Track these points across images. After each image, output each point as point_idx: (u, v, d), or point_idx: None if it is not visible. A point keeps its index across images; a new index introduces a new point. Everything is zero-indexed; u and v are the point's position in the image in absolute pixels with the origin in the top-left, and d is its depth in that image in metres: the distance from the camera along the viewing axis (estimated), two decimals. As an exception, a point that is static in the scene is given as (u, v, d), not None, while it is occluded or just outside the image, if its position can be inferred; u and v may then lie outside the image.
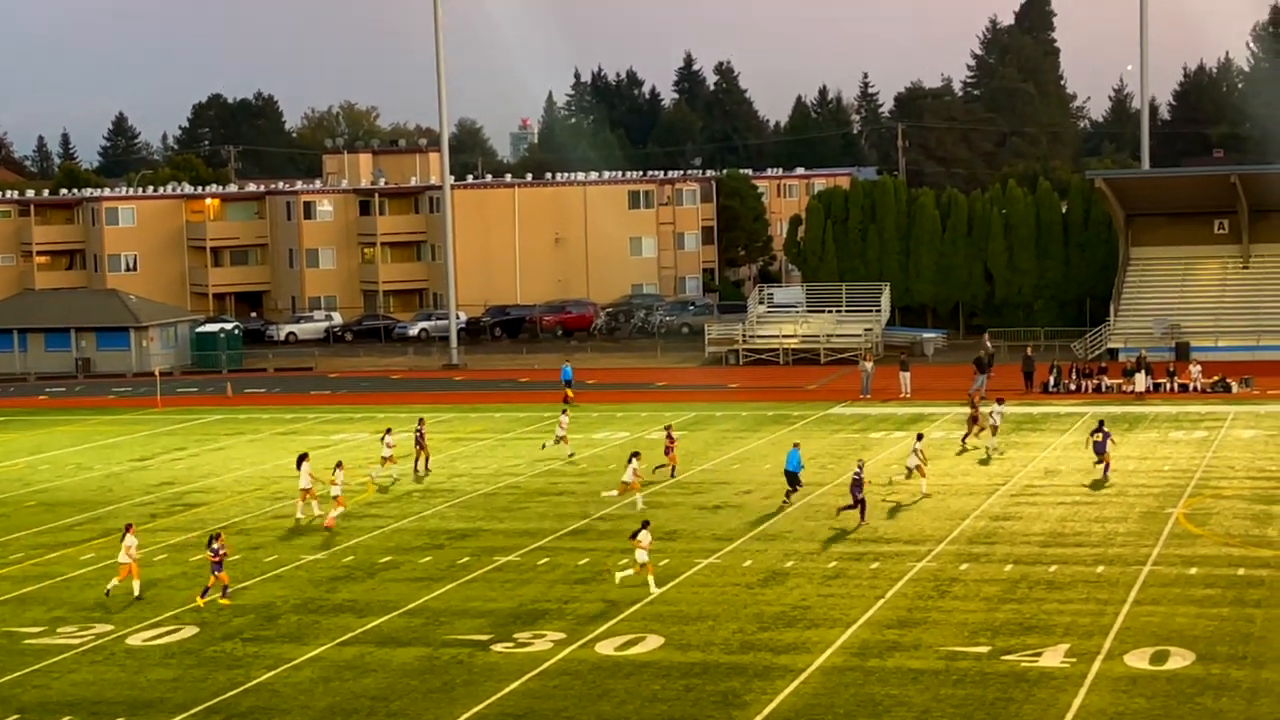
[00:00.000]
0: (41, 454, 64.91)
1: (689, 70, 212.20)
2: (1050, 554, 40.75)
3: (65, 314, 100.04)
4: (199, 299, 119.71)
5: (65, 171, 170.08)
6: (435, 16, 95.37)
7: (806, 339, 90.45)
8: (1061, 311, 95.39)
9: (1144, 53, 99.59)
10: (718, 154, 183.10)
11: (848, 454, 57.46)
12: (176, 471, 59.22)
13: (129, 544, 38.92)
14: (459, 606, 37.33)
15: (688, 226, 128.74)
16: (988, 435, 57.06)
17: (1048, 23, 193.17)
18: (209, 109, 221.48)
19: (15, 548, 46.07)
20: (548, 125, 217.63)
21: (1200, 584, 37.22)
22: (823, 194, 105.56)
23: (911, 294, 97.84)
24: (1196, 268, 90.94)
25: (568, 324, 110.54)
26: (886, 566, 39.86)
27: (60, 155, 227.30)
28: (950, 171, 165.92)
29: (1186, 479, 50.72)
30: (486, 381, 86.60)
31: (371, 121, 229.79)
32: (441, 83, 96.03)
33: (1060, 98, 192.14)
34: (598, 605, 36.95)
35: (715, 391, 78.65)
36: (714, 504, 49.06)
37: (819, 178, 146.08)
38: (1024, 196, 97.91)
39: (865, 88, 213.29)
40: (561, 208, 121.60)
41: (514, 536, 45.05)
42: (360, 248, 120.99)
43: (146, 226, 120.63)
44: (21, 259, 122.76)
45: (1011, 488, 50.17)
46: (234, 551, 44.17)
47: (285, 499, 52.34)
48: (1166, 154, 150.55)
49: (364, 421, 71.17)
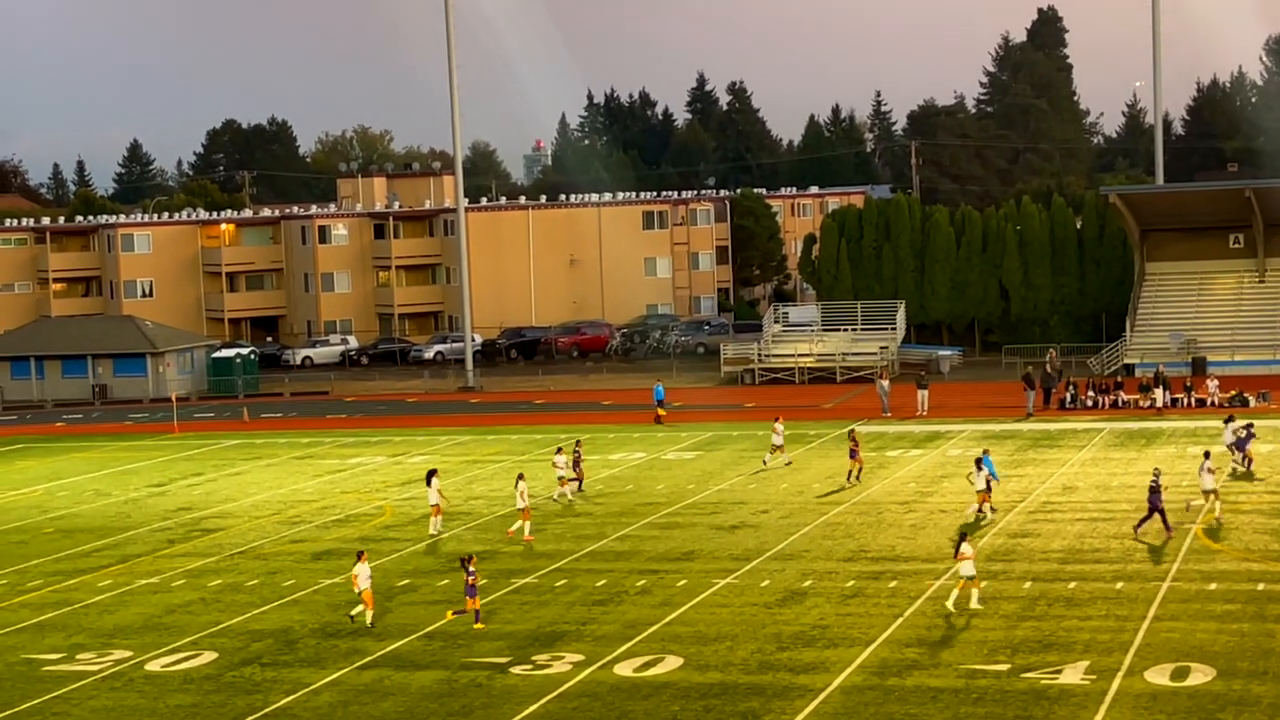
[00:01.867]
0: (59, 481, 65.03)
1: (702, 90, 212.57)
2: (1069, 570, 40.64)
3: (82, 341, 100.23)
4: (215, 324, 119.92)
5: (81, 198, 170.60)
6: (448, 40, 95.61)
7: (822, 358, 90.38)
8: (1077, 327, 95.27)
9: (1157, 68, 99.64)
10: (731, 174, 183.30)
11: (865, 472, 57.35)
12: (194, 497, 59.28)
13: (358, 573, 37.86)
14: (479, 630, 37.27)
15: (702, 246, 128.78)
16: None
17: (1060, 39, 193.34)
18: (223, 134, 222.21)
19: (34, 574, 46.13)
20: (561, 147, 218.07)
21: (1220, 599, 37.09)
22: (837, 212, 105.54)
23: (926, 311, 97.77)
24: (1212, 282, 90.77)
25: (583, 345, 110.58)
26: (905, 585, 39.78)
27: (75, 182, 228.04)
28: (964, 188, 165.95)
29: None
30: (502, 404, 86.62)
31: (385, 145, 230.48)
32: (455, 106, 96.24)
33: (1073, 113, 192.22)
34: (616, 627, 36.91)
35: (731, 411, 78.61)
36: (731, 524, 49.01)
37: (833, 196, 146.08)
38: (1038, 213, 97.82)
39: (878, 106, 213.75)
40: (575, 229, 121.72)
41: (532, 558, 45.03)
42: (375, 271, 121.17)
43: (162, 252, 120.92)
44: (38, 286, 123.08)
45: (1029, 504, 50.05)
46: (250, 576, 44.22)
47: (302, 523, 52.40)
48: (1181, 169, 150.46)
49: (381, 445, 71.20)
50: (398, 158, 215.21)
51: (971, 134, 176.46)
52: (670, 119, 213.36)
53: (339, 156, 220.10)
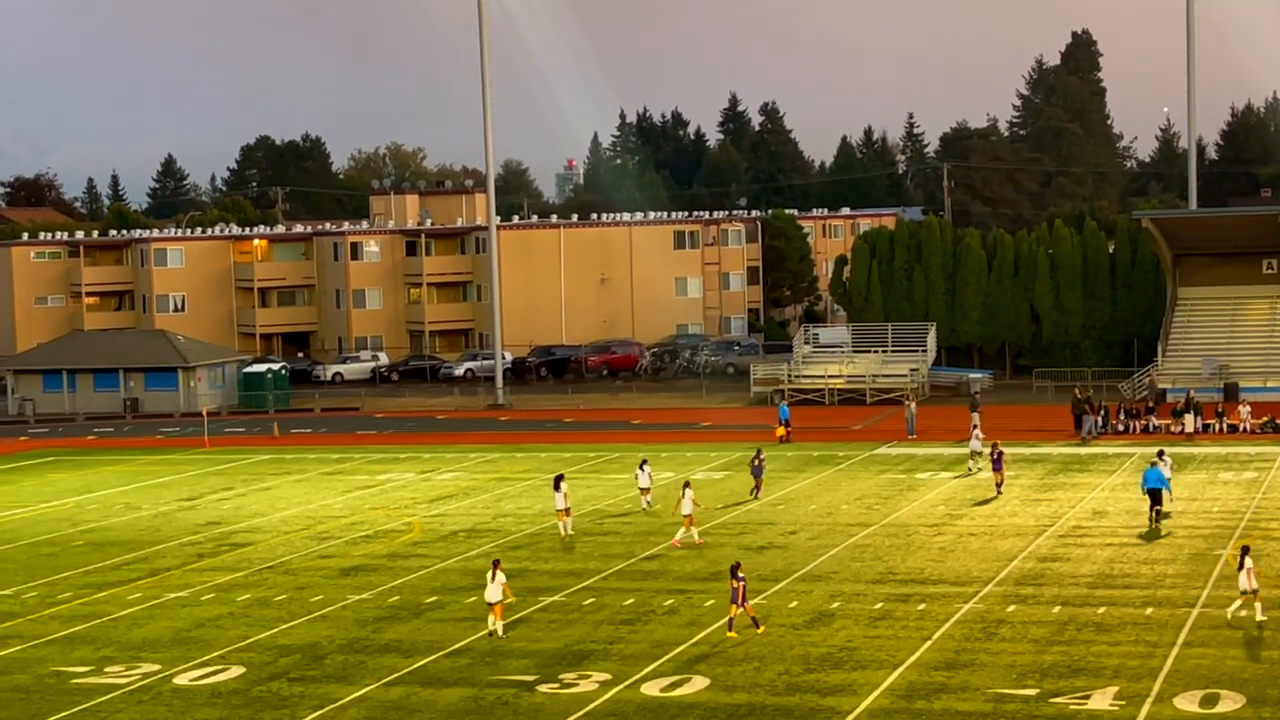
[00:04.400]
0: (90, 494, 65.26)
1: (734, 111, 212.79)
2: (1099, 595, 40.49)
3: (114, 354, 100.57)
4: (246, 339, 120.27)
5: (114, 213, 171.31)
6: (482, 58, 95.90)
7: (852, 379, 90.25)
8: (1109, 352, 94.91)
9: (1191, 92, 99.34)
10: (763, 194, 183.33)
11: (893, 494, 57.30)
12: (223, 511, 59.43)
13: (501, 581, 38.41)
14: (504, 647, 37.31)
15: (733, 267, 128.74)
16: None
17: (1094, 62, 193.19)
18: (257, 150, 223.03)
19: (63, 587, 46.28)
20: (593, 166, 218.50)
21: (1250, 626, 36.89)
22: (868, 234, 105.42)
23: (957, 334, 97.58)
24: (1245, 307, 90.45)
25: (613, 364, 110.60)
26: (933, 608, 39.68)
27: (110, 197, 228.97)
28: (996, 211, 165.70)
29: (1236, 520, 50.36)
30: (532, 421, 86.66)
31: (418, 163, 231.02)
32: (488, 124, 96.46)
33: (1107, 137, 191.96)
34: (643, 646, 36.87)
35: (761, 432, 78.47)
36: (759, 544, 48.95)
37: (864, 218, 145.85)
38: (1070, 236, 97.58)
39: (910, 128, 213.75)
40: (607, 248, 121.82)
41: (559, 576, 45.02)
42: (406, 288, 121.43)
43: (195, 267, 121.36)
44: (71, 300, 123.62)
45: (1059, 529, 49.89)
46: (279, 591, 44.30)
47: (331, 539, 52.49)
48: (1214, 194, 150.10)
49: (410, 462, 71.29)
50: (430, 175, 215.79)
51: (1004, 157, 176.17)
52: (702, 139, 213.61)
53: (371, 173, 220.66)
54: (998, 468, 56.82)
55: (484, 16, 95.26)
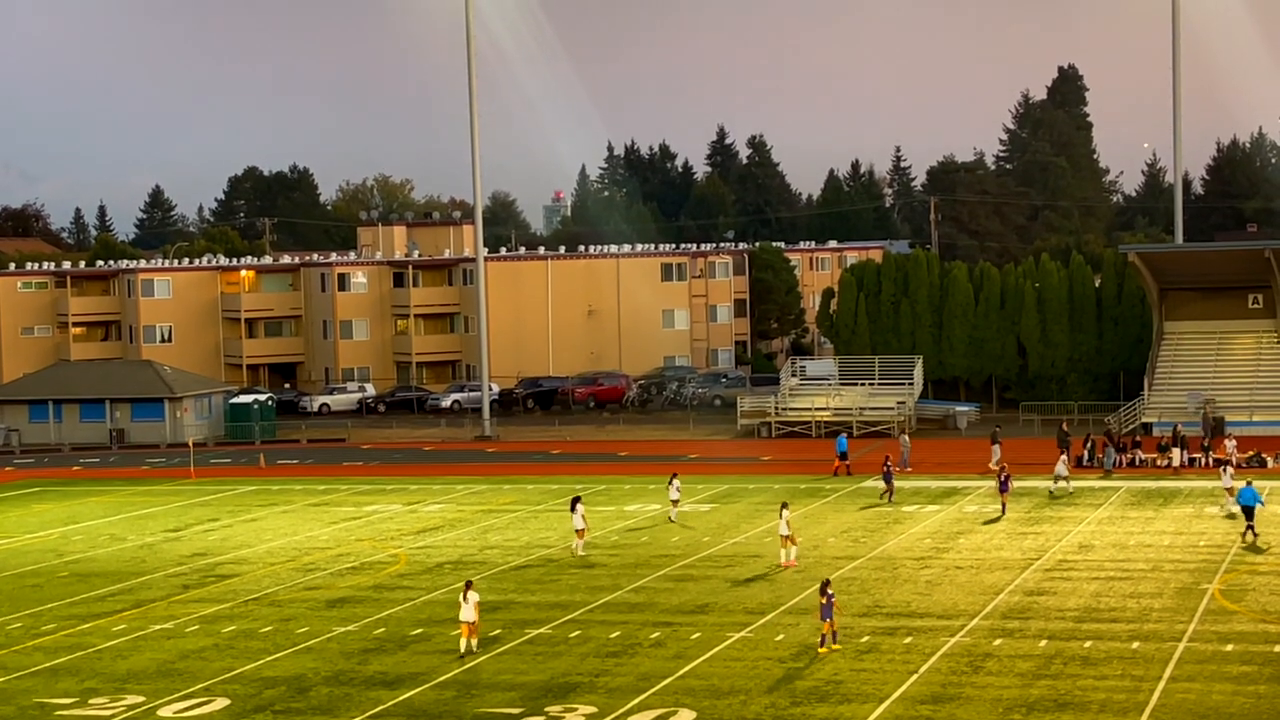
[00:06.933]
0: (75, 525, 65.08)
1: (722, 143, 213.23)
2: (1085, 629, 40.49)
3: (100, 385, 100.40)
4: (233, 370, 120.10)
5: (101, 243, 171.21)
6: (470, 90, 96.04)
7: (839, 412, 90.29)
8: (1095, 385, 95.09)
9: (1177, 127, 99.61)
10: (750, 227, 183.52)
11: (880, 527, 57.30)
12: (209, 542, 59.29)
13: (475, 600, 39.59)
14: (490, 679, 37.23)
15: (720, 299, 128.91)
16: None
17: (1080, 97, 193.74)
18: (245, 181, 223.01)
19: (48, 618, 46.13)
20: (581, 198, 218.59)
21: (1236, 661, 36.92)
22: (855, 267, 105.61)
23: (944, 367, 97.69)
24: (1230, 342, 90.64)
25: (600, 396, 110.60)
26: (920, 641, 39.65)
27: (97, 227, 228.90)
28: (983, 245, 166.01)
29: (1222, 554, 50.40)
30: (519, 453, 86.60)
31: (406, 194, 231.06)
32: (475, 155, 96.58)
33: (1093, 172, 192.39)
34: (629, 679, 36.80)
35: (748, 464, 78.53)
36: (746, 577, 48.90)
37: (851, 251, 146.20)
38: (1057, 270, 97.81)
39: (897, 161, 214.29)
40: (594, 280, 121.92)
41: (545, 609, 44.95)
42: (394, 319, 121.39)
43: (182, 298, 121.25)
44: (57, 330, 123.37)
45: (1045, 562, 49.90)
46: (264, 623, 44.18)
47: (317, 570, 52.38)
48: (1200, 228, 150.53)
49: (396, 493, 71.18)
50: (418, 206, 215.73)
51: (991, 191, 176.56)
52: (690, 171, 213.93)
53: (359, 205, 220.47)
54: (1004, 489, 59.53)
55: (472, 48, 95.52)
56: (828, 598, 38.87)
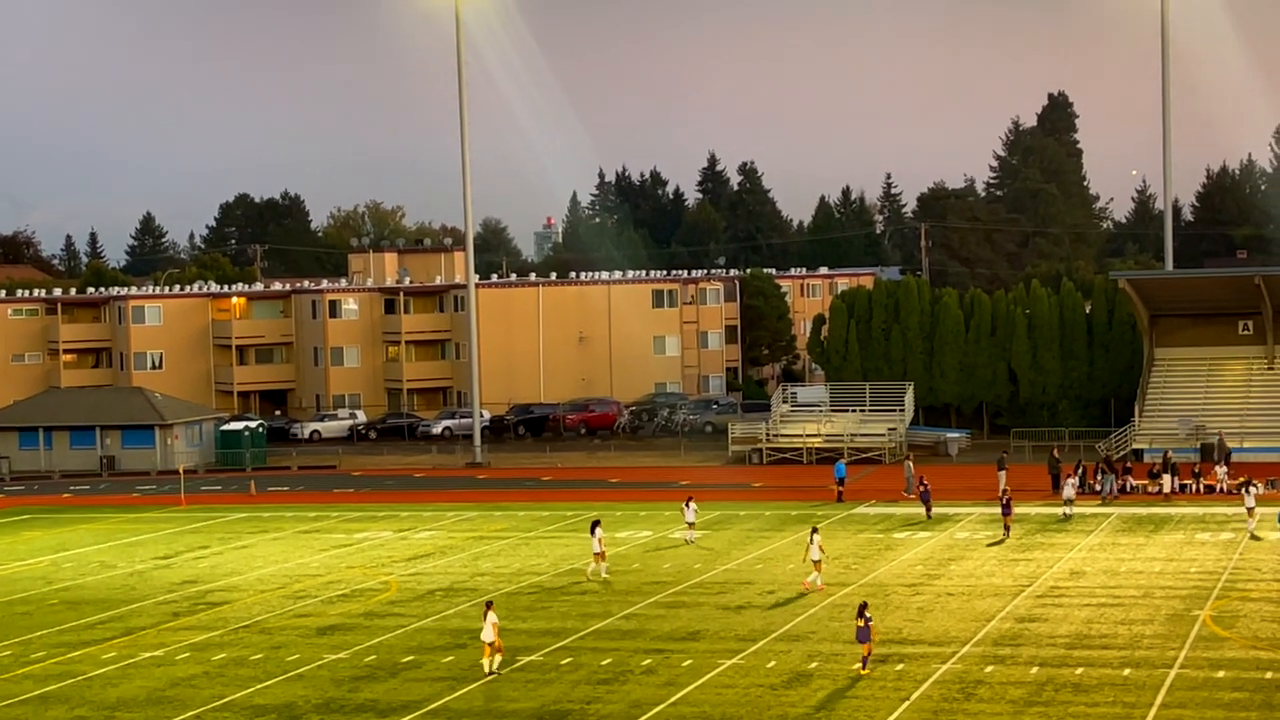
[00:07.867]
0: (65, 552, 64.95)
1: (713, 170, 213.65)
2: (1076, 656, 40.47)
3: (91, 412, 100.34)
4: (224, 397, 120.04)
5: (92, 270, 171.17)
6: (461, 118, 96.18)
7: (830, 438, 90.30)
8: (1086, 412, 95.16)
9: (1167, 154, 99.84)
10: (741, 253, 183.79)
11: (871, 554, 57.29)
12: (200, 570, 59.18)
13: (493, 621, 39.80)
14: (481, 707, 37.16)
15: (711, 325, 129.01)
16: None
17: (1070, 124, 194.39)
18: (236, 208, 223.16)
19: (38, 646, 46.01)
20: (572, 225, 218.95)
21: (1228, 687, 36.91)
22: (846, 293, 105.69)
23: (935, 393, 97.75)
24: (1221, 368, 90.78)
25: (591, 422, 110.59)
26: (911, 668, 39.61)
27: (88, 254, 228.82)
28: (974, 271, 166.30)
29: (1213, 581, 50.40)
30: (510, 480, 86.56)
31: (397, 221, 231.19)
32: (467, 182, 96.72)
33: (1083, 198, 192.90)
34: (620, 706, 36.74)
35: (739, 491, 78.49)
36: (737, 604, 48.86)
37: (842, 277, 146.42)
38: (1047, 297, 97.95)
39: (888, 188, 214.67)
40: (585, 307, 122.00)
41: (537, 636, 44.88)
42: (385, 346, 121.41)
43: (172, 325, 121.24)
44: (48, 357, 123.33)
45: (1037, 589, 49.89)
46: (255, 650, 44.08)
47: (308, 598, 52.29)
48: (1190, 255, 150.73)
49: (387, 520, 71.10)
50: (409, 233, 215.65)
51: (981, 217, 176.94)
52: (681, 198, 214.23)
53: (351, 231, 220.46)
54: (1007, 512, 60.87)
55: (463, 75, 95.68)
56: (865, 620, 39.14)
